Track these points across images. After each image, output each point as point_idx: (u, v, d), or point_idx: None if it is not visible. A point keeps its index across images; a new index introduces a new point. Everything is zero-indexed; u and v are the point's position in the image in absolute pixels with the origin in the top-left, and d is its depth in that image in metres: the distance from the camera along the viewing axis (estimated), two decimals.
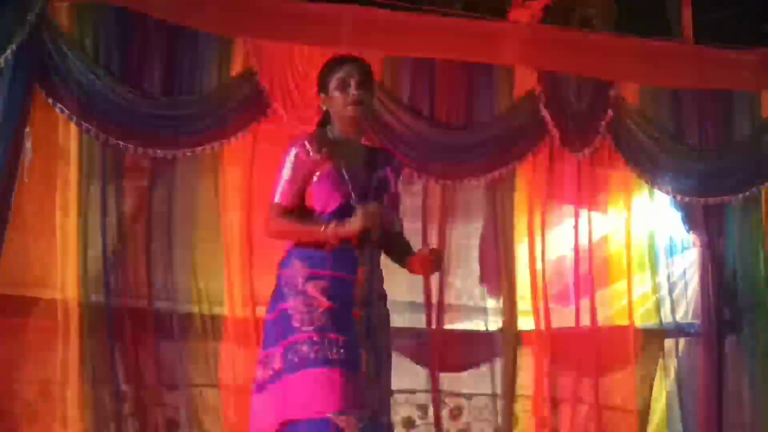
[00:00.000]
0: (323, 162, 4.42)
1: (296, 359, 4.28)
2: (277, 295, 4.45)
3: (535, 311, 7.40)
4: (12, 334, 6.31)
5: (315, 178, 4.43)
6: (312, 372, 4.26)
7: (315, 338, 4.27)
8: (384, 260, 6.66)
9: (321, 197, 4.45)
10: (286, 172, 4.43)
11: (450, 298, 7.34)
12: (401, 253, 4.67)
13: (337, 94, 4.50)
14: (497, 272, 7.41)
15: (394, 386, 6.77)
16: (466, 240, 7.48)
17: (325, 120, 4.63)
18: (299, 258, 4.43)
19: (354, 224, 4.34)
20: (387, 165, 4.66)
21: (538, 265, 7.44)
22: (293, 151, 4.44)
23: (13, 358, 6.32)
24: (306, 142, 4.44)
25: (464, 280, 7.48)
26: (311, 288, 4.36)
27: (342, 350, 4.28)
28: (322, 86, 4.57)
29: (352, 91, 4.47)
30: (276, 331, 4.39)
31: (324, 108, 4.61)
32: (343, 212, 4.40)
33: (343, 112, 4.50)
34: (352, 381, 4.26)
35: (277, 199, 4.44)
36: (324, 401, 4.23)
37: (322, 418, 4.23)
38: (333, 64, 4.58)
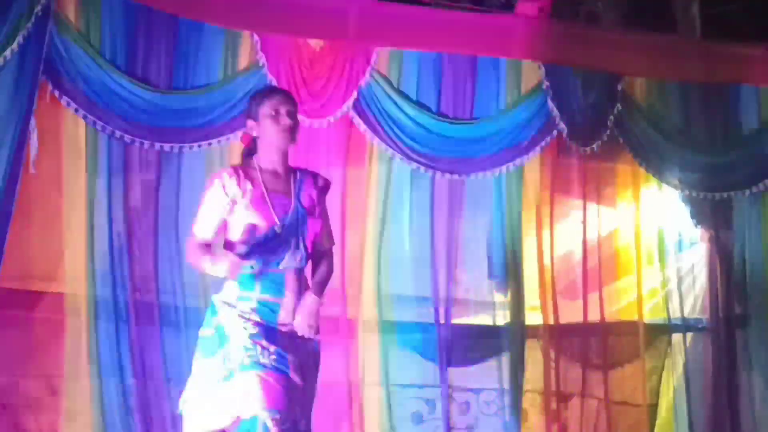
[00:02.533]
0: (246, 192, 4.66)
1: (231, 365, 4.52)
2: (212, 313, 4.68)
3: (543, 306, 7.34)
4: (18, 327, 6.25)
5: (237, 209, 4.67)
6: (246, 374, 4.49)
7: (248, 344, 4.51)
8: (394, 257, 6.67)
9: (245, 226, 4.67)
10: (205, 206, 4.70)
11: (458, 293, 7.30)
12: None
13: (269, 122, 4.71)
14: (505, 267, 7.34)
15: (402, 381, 6.98)
16: (473, 234, 7.42)
17: (251, 149, 4.82)
18: (232, 281, 4.65)
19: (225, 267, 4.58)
20: (312, 187, 4.85)
21: (546, 260, 7.38)
22: (214, 185, 4.70)
23: (19, 352, 6.27)
24: (227, 175, 4.70)
25: (472, 275, 7.42)
26: (242, 305, 4.60)
27: (272, 357, 4.52)
28: (253, 114, 4.77)
29: (283, 120, 4.71)
30: (214, 342, 4.61)
31: (253, 134, 4.79)
32: (268, 239, 4.64)
33: (274, 139, 4.72)
34: (281, 384, 4.49)
35: (194, 230, 4.73)
36: (255, 400, 4.46)
37: (252, 416, 4.47)
38: (264, 94, 4.86)
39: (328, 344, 6.77)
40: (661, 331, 7.66)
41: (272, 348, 4.53)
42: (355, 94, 6.91)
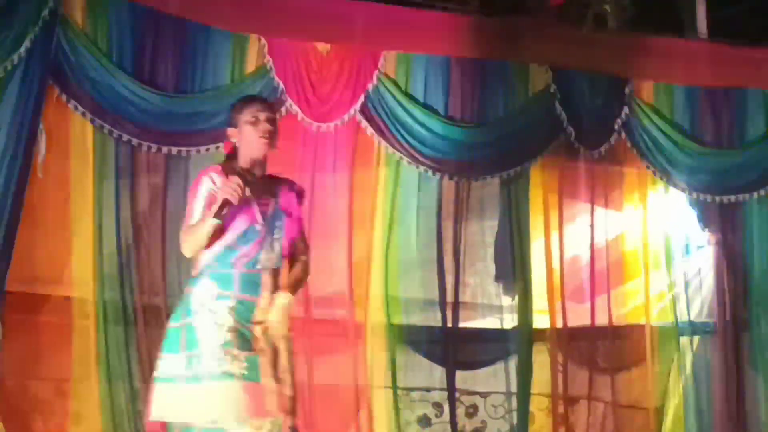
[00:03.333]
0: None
1: (200, 371, 4.54)
2: (185, 309, 4.69)
3: (551, 309, 7.31)
4: (26, 331, 6.23)
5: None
6: (216, 384, 4.52)
7: (219, 354, 4.54)
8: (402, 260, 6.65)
9: (229, 222, 4.70)
10: (197, 200, 4.73)
11: (465, 296, 7.28)
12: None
13: (248, 128, 4.80)
14: (512, 270, 7.30)
15: (410, 384, 6.91)
16: (480, 237, 7.41)
17: (233, 154, 4.89)
18: (209, 278, 4.68)
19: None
20: (289, 192, 4.92)
21: (554, 263, 7.35)
22: (202, 180, 4.77)
23: (27, 355, 6.24)
24: (214, 173, 4.76)
25: (479, 278, 7.42)
26: (219, 306, 4.62)
27: (243, 365, 4.55)
28: (234, 122, 4.86)
29: (263, 126, 4.78)
30: (179, 340, 4.63)
31: (234, 141, 4.86)
32: (248, 235, 4.70)
33: (254, 144, 4.79)
34: (251, 392, 4.54)
35: (189, 222, 4.71)
36: (224, 411, 4.53)
37: (220, 425, 4.56)
38: (244, 102, 4.94)
39: (335, 347, 6.88)
40: (669, 334, 7.61)
41: (243, 356, 4.58)
42: (362, 98, 6.90)
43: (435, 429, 7.22)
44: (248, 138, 4.81)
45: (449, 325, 7.13)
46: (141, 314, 6.36)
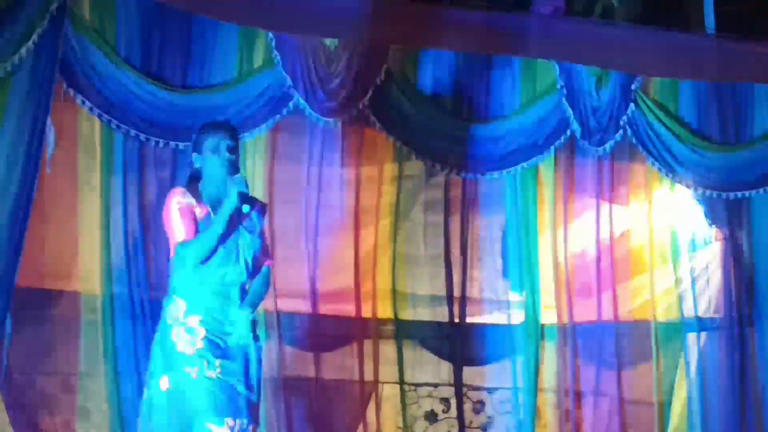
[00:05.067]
0: (198, 205, 5.02)
1: (181, 379, 4.85)
2: (162, 327, 5.01)
3: (558, 305, 7.29)
4: (34, 326, 6.22)
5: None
6: (195, 388, 4.84)
7: (196, 361, 4.86)
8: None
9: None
10: (177, 215, 4.99)
11: (473, 292, 7.25)
12: None
13: (209, 154, 5.05)
14: (519, 266, 7.25)
15: (417, 380, 6.90)
16: (488, 233, 7.40)
17: (196, 176, 5.13)
18: (180, 295, 4.97)
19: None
20: (251, 210, 5.13)
21: (561, 259, 7.32)
22: (175, 199, 5.02)
23: (35, 350, 6.24)
24: (182, 191, 5.04)
25: (486, 274, 7.40)
26: (191, 320, 4.92)
27: (218, 370, 4.86)
28: (197, 148, 5.12)
29: (224, 154, 5.04)
30: (161, 356, 4.96)
31: (197, 166, 5.11)
32: (213, 254, 4.97)
33: (215, 171, 5.05)
34: (227, 393, 4.85)
35: (180, 238, 4.98)
36: (203, 411, 4.81)
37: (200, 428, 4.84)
38: (208, 128, 5.19)
39: (342, 343, 6.85)
40: (675, 330, 7.56)
41: (218, 362, 4.88)
42: (370, 93, 6.82)
43: (442, 424, 7.25)
44: (210, 165, 5.06)
45: (456, 320, 7.11)
46: (149, 309, 6.28)
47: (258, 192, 6.64)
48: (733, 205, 7.71)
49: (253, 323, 5.05)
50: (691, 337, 7.61)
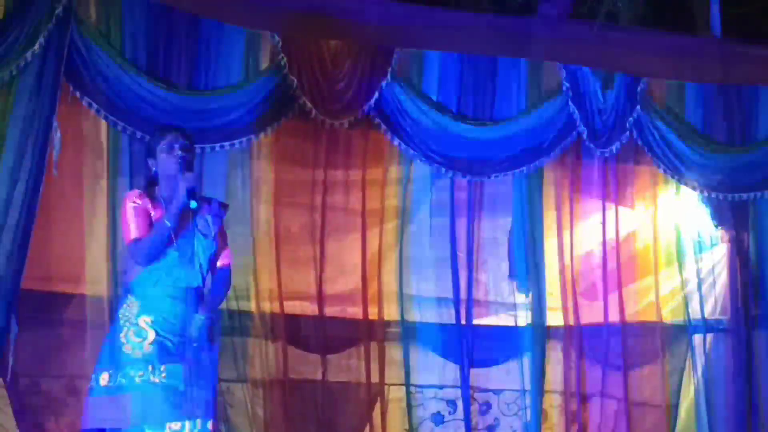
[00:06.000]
0: (154, 208, 5.04)
1: (123, 381, 4.88)
2: (114, 326, 5.02)
3: (564, 307, 7.26)
4: (40, 329, 6.20)
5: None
6: (137, 393, 4.86)
7: (141, 365, 4.88)
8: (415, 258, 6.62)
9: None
10: (131, 214, 5.00)
11: (479, 294, 7.21)
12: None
13: (163, 156, 5.08)
14: (525, 268, 7.22)
15: (423, 381, 6.86)
16: (494, 235, 7.34)
17: (153, 181, 5.15)
18: (134, 296, 5.00)
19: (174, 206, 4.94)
20: (207, 212, 5.15)
21: (567, 261, 7.29)
22: (130, 200, 5.04)
23: (41, 353, 6.22)
24: (139, 193, 5.08)
25: (493, 276, 7.34)
26: (142, 321, 4.93)
27: (163, 375, 4.88)
28: (151, 152, 5.15)
29: (176, 152, 5.04)
30: (108, 354, 4.98)
31: (153, 170, 5.13)
32: (166, 257, 5.00)
33: (171, 171, 5.04)
34: (170, 400, 4.87)
35: (133, 235, 4.99)
36: (141, 416, 4.85)
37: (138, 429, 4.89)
38: (160, 131, 5.21)
39: (348, 345, 6.81)
40: (682, 332, 7.52)
41: (163, 366, 4.89)
42: (375, 95, 6.82)
43: (448, 426, 7.18)
44: (164, 165, 5.08)
45: (463, 322, 7.08)
46: None
47: (264, 194, 6.66)
48: (738, 206, 7.66)
49: (210, 327, 5.02)
50: (698, 338, 7.56)
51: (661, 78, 7.54)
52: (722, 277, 7.68)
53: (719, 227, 7.69)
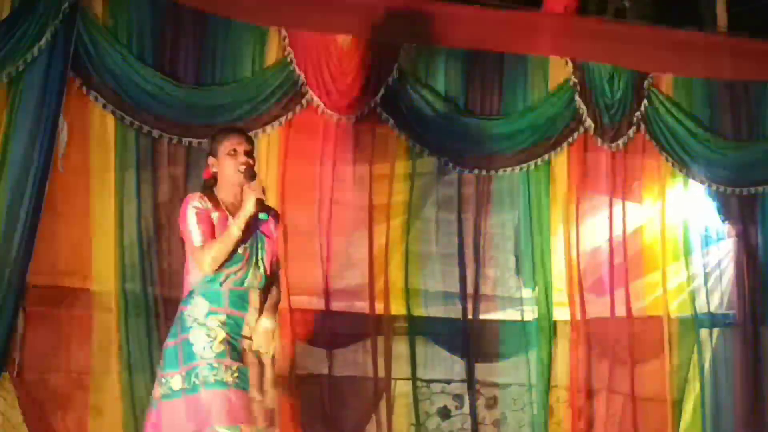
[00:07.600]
0: (215, 210, 4.92)
1: (197, 381, 4.77)
2: (180, 327, 4.90)
3: (571, 301, 7.20)
4: (46, 323, 6.16)
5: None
6: (211, 392, 4.75)
7: (214, 364, 4.78)
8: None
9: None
10: (194, 220, 4.88)
11: (485, 289, 7.16)
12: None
13: (227, 160, 4.95)
14: (532, 262, 7.18)
15: (430, 376, 6.81)
16: (500, 230, 7.30)
17: (212, 182, 5.03)
18: (201, 296, 4.88)
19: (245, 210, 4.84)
20: (269, 217, 5.06)
21: (573, 255, 7.23)
22: (192, 203, 4.92)
23: (48, 347, 6.16)
24: (199, 195, 4.95)
25: (499, 271, 7.29)
26: (210, 321, 4.83)
27: (235, 375, 4.80)
28: (213, 152, 5.02)
29: (241, 158, 4.94)
30: (177, 356, 4.85)
31: (213, 171, 5.01)
32: (234, 256, 4.88)
33: (232, 176, 4.95)
34: (242, 401, 4.78)
35: (198, 243, 4.85)
36: (218, 416, 4.73)
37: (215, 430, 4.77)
38: (225, 133, 5.08)
39: (356, 340, 6.76)
40: (688, 326, 7.47)
41: (235, 366, 4.81)
42: (382, 90, 6.77)
43: (455, 421, 7.13)
44: (227, 170, 4.96)
45: (469, 317, 7.03)
46: (162, 306, 6.24)
47: (271, 190, 6.57)
48: (746, 200, 7.64)
49: (272, 329, 4.96)
50: (704, 333, 7.53)
51: (669, 73, 7.50)
52: (729, 272, 7.63)
53: (726, 221, 7.65)
